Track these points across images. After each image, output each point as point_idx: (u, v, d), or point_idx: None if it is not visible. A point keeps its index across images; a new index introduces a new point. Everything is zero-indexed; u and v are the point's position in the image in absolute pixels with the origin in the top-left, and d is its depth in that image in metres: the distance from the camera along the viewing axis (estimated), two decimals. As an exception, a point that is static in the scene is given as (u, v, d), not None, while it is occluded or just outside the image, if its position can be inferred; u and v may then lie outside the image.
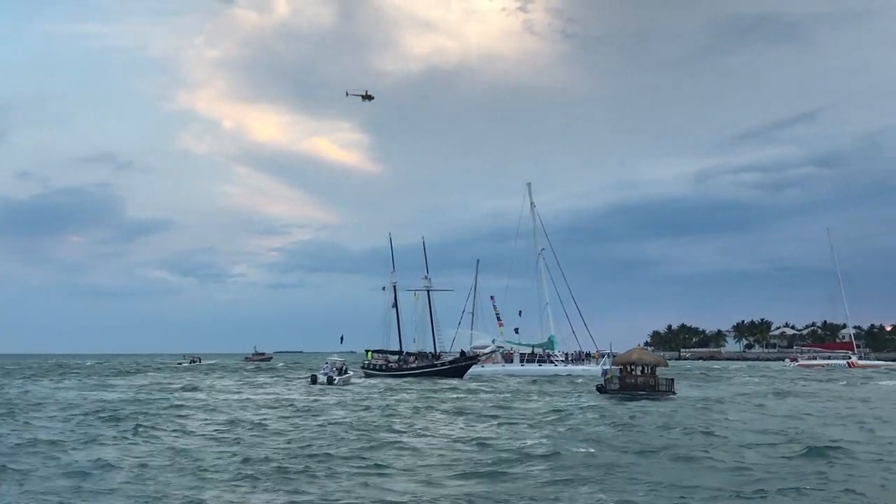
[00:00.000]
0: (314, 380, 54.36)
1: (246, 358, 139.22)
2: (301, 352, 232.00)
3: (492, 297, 75.78)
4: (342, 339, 77.97)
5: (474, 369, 70.34)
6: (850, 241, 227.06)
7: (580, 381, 57.64)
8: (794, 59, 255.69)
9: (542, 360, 74.19)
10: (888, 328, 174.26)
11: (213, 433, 24.23)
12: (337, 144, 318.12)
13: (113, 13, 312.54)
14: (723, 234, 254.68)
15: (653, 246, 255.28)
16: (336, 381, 53.53)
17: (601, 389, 40.16)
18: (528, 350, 75.86)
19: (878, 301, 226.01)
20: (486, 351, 75.71)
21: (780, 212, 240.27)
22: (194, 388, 50.69)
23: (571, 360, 74.39)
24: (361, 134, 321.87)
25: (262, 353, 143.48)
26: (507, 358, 75.58)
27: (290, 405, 36.21)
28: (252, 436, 23.60)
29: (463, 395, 42.78)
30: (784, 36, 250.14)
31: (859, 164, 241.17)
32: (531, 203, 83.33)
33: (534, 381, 59.18)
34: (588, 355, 73.97)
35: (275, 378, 68.73)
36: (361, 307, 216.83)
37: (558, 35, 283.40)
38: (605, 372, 44.42)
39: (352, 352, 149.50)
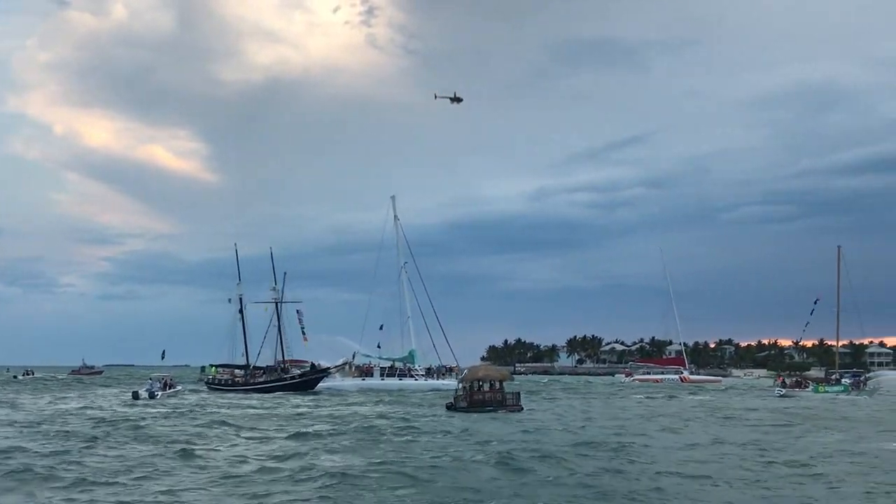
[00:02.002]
0: (136, 395, 52.94)
1: (73, 371, 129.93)
2: (133, 365, 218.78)
3: (298, 311, 71.71)
4: (164, 354, 74.13)
5: (331, 384, 67.19)
6: (679, 261, 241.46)
7: (438, 395, 55.29)
8: (628, 83, 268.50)
9: (402, 375, 71.78)
10: (712, 345, 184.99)
11: None
12: (173, 152, 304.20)
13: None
14: (559, 251, 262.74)
15: (492, 262, 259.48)
16: (159, 397, 52.75)
17: (451, 406, 40.07)
18: (389, 364, 72.79)
19: (702, 319, 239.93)
20: (338, 364, 71.52)
21: (614, 231, 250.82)
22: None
23: (433, 375, 72.06)
24: (199, 143, 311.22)
25: (92, 367, 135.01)
26: (367, 372, 72.42)
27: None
28: None
29: (291, 411, 41.33)
30: (620, 60, 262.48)
31: (687, 186, 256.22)
32: (395, 216, 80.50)
33: (389, 396, 57.49)
34: (449, 370, 71.40)
35: (94, 393, 62.75)
36: (197, 320, 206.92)
37: (400, 50, 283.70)
38: (456, 389, 43.27)
39: (186, 366, 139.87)
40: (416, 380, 70.34)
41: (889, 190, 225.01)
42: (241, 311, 71.44)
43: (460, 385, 41.89)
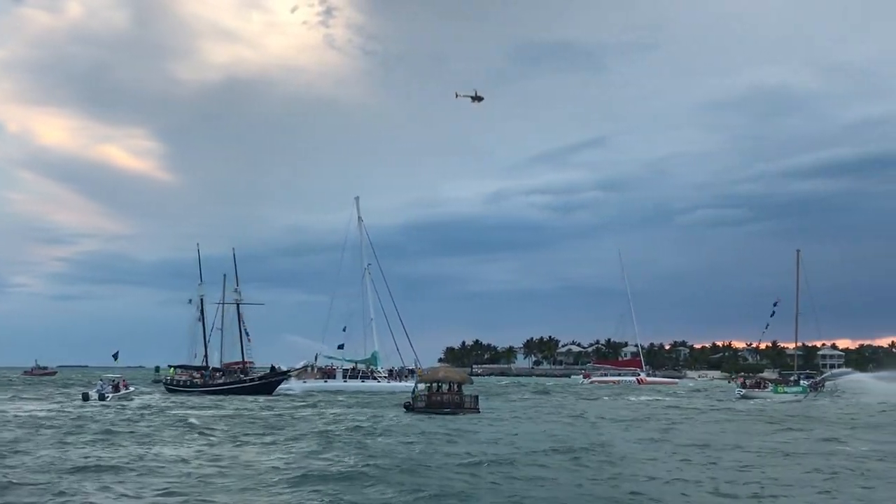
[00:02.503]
0: (86, 397, 52.48)
1: (26, 372, 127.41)
2: (87, 366, 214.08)
3: (239, 312, 70.94)
4: (116, 355, 73.56)
5: (292, 386, 66.23)
6: (635, 263, 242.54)
7: (399, 397, 54.78)
8: (586, 86, 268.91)
9: (365, 377, 70.97)
10: (667, 347, 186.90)
11: None
12: (129, 152, 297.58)
13: None
14: (517, 253, 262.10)
15: (449, 263, 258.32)
16: (109, 398, 52.02)
17: (408, 407, 40.29)
18: (351, 366, 71.99)
19: (657, 320, 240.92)
20: (298, 366, 70.45)
21: (571, 233, 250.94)
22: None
23: (395, 377, 71.26)
24: (155, 142, 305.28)
25: (45, 368, 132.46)
26: (329, 374, 71.51)
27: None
28: None
29: (249, 413, 40.88)
30: (578, 63, 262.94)
31: (645, 189, 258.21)
32: (359, 217, 79.73)
33: (350, 398, 56.77)
34: (412, 372, 70.61)
35: (45, 394, 61.04)
36: (153, 321, 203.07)
37: (358, 51, 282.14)
38: (414, 389, 43.08)
39: (140, 367, 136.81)
40: (379, 382, 69.68)
41: (841, 194, 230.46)
42: (201, 312, 70.37)
43: (419, 386, 41.86)
